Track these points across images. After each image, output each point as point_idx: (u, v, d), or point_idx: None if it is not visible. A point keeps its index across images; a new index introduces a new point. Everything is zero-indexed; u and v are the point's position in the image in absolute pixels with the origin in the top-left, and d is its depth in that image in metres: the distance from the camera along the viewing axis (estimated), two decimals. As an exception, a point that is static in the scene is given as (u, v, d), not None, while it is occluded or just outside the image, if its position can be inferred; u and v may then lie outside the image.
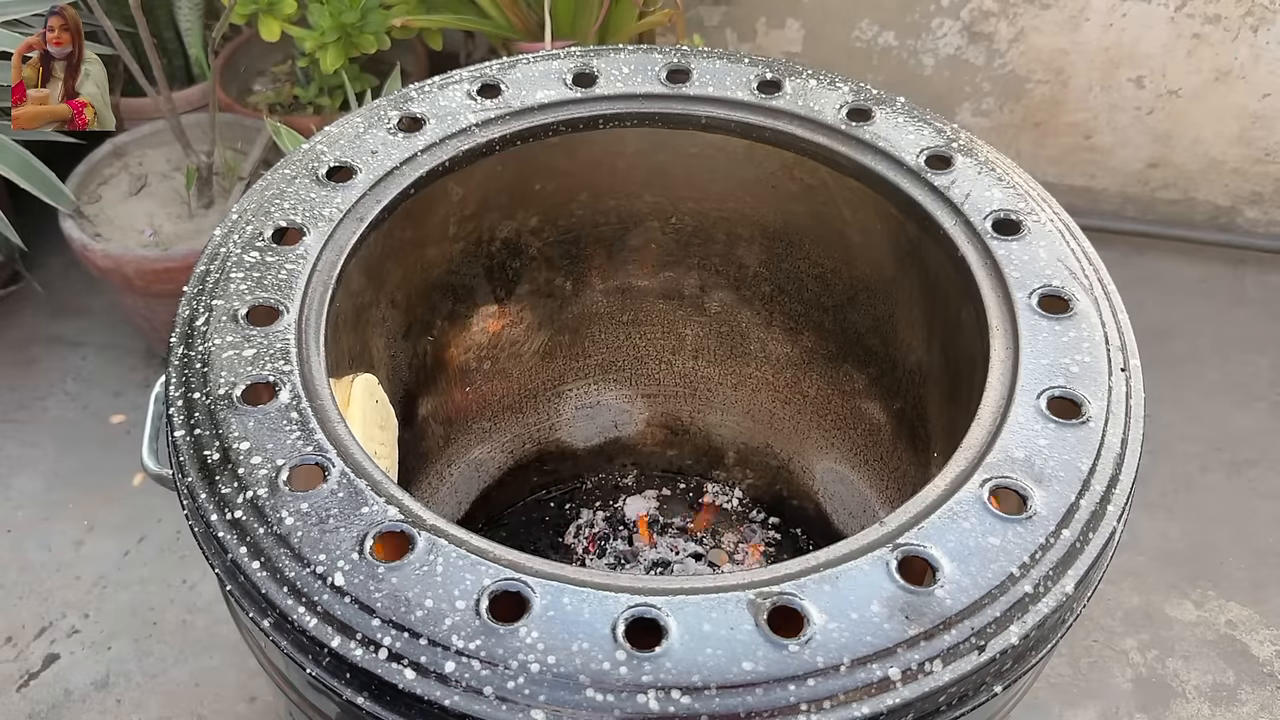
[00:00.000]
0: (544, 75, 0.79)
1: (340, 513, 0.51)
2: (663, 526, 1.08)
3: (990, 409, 0.58)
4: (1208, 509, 1.32)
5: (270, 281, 0.63)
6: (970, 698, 0.48)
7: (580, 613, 0.47)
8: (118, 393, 1.43)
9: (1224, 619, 1.21)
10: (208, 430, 0.55)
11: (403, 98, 0.77)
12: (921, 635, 0.47)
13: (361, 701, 0.47)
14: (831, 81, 0.78)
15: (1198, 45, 1.44)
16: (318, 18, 1.34)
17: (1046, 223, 0.68)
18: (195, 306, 0.62)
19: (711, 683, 0.45)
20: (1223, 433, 1.40)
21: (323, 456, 0.54)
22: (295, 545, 0.50)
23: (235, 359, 0.58)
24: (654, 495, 1.10)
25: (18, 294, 1.54)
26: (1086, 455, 0.55)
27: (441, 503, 1.00)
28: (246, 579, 0.50)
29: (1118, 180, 1.61)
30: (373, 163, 0.71)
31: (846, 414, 0.96)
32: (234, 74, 1.57)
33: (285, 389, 0.57)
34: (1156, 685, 1.16)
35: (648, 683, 0.45)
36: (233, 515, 0.51)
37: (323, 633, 0.47)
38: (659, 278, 0.98)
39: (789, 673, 0.45)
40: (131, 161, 1.44)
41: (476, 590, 0.48)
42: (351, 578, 0.48)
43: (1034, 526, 0.52)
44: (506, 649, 0.46)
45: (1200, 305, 1.56)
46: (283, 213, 0.68)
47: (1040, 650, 0.50)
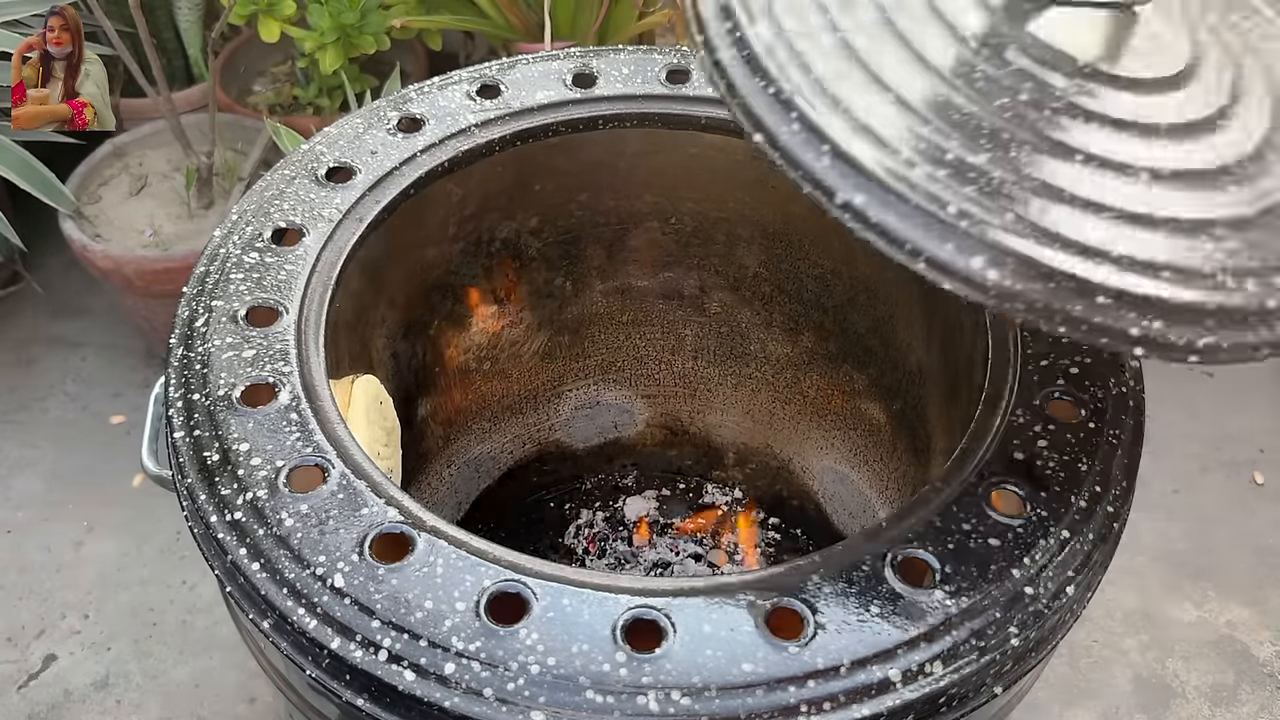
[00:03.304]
0: (544, 76, 0.79)
1: (340, 514, 0.51)
2: (663, 527, 1.08)
3: (990, 409, 0.58)
4: (1208, 509, 1.32)
5: (270, 282, 0.63)
6: (970, 699, 0.48)
7: (580, 614, 0.47)
8: (118, 393, 1.43)
9: (1224, 619, 1.21)
10: (207, 431, 0.55)
11: (402, 98, 0.77)
12: (921, 636, 0.47)
13: (361, 703, 0.47)
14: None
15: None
16: (317, 18, 1.34)
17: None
18: (195, 307, 0.62)
19: (712, 684, 0.45)
20: (1223, 433, 1.40)
21: (322, 458, 0.54)
22: (295, 546, 0.50)
23: (235, 360, 0.58)
24: (654, 496, 1.10)
25: (17, 294, 1.54)
26: (1087, 456, 0.55)
27: (441, 503, 1.00)
28: (246, 580, 0.50)
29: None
30: (372, 163, 0.71)
31: (846, 414, 0.96)
32: (234, 74, 1.57)
33: (285, 390, 0.57)
34: (1156, 685, 1.16)
35: (648, 684, 0.45)
36: (232, 516, 0.51)
37: (322, 634, 0.47)
38: (659, 278, 0.98)
39: (789, 674, 0.45)
40: (131, 162, 1.44)
41: (476, 591, 0.48)
42: (351, 579, 0.48)
43: (1034, 527, 0.52)
44: (506, 650, 0.46)
45: (1200, 305, 1.56)
46: (282, 213, 0.68)
47: (1040, 651, 0.50)
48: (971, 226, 0.44)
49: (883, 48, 0.51)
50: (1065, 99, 0.51)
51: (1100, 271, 0.45)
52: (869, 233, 0.46)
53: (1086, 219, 0.46)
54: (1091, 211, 0.46)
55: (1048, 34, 0.53)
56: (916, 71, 0.50)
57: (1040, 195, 0.46)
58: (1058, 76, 0.52)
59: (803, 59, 0.49)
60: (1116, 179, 0.48)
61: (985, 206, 0.45)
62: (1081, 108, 0.51)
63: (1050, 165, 0.48)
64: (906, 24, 0.52)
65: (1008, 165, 0.47)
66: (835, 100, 0.48)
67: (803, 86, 0.48)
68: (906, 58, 0.51)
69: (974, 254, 0.44)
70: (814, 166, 0.46)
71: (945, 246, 0.44)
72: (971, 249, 0.44)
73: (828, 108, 0.47)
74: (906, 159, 0.46)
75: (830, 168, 0.46)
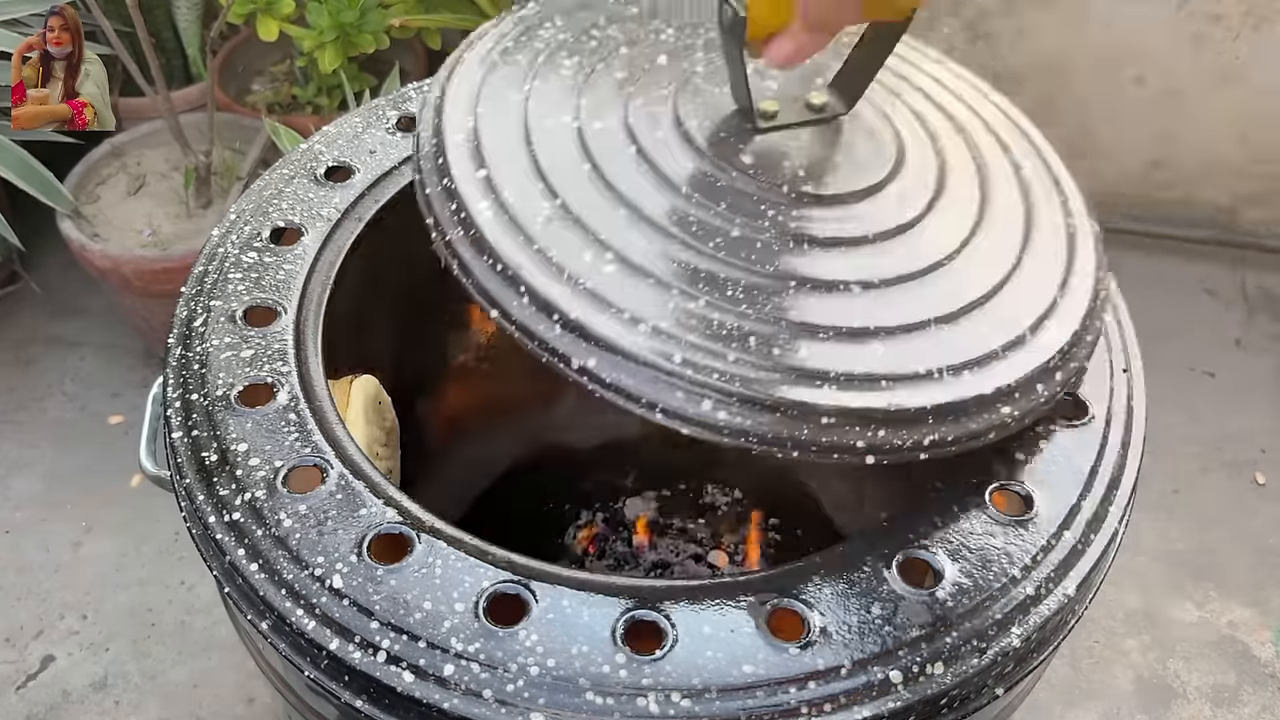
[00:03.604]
0: (543, 75, 0.78)
1: (338, 514, 0.51)
2: (663, 528, 1.08)
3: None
4: (1208, 509, 1.32)
5: (268, 282, 0.63)
6: (972, 700, 0.48)
7: (580, 615, 0.47)
8: (116, 393, 1.43)
9: (1225, 620, 1.21)
10: (205, 431, 0.55)
11: (401, 97, 0.77)
12: (922, 637, 0.47)
13: (360, 704, 0.46)
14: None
15: (1199, 44, 1.44)
16: (316, 17, 1.34)
17: (1047, 222, 0.68)
18: (193, 307, 0.62)
19: (712, 685, 0.45)
20: (1223, 433, 1.39)
21: (321, 458, 0.53)
22: (293, 547, 0.49)
23: (233, 360, 0.58)
24: (654, 496, 1.10)
25: (16, 294, 1.54)
26: (1088, 456, 0.55)
27: (440, 504, 1.00)
28: (244, 581, 0.49)
29: (1118, 180, 1.61)
30: (371, 162, 0.71)
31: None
32: (232, 74, 1.57)
33: (283, 390, 0.57)
34: (1158, 686, 1.16)
35: (648, 686, 0.45)
36: (231, 517, 0.51)
37: (321, 635, 0.47)
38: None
39: (790, 675, 0.45)
40: (130, 161, 1.43)
41: (475, 592, 0.48)
42: (350, 580, 0.48)
43: (1035, 528, 0.51)
44: (506, 652, 0.46)
45: (1201, 305, 1.56)
46: (281, 213, 0.67)
47: (1042, 652, 0.50)
48: (696, 374, 0.46)
49: (600, 207, 0.52)
50: (777, 229, 0.53)
51: (822, 394, 0.47)
52: (607, 392, 0.47)
53: (805, 344, 0.48)
54: (808, 336, 0.48)
55: (757, 164, 0.55)
56: (634, 227, 0.52)
57: (759, 329, 0.48)
58: (768, 208, 0.54)
59: (525, 230, 0.51)
60: (831, 298, 0.51)
61: (708, 351, 0.47)
62: (793, 234, 0.53)
63: (767, 299, 0.50)
64: (622, 181, 0.54)
65: (726, 306, 0.49)
66: (560, 269, 0.49)
67: (524, 262, 0.49)
68: (624, 216, 0.52)
69: (702, 399, 0.46)
70: (547, 337, 0.48)
71: (675, 395, 0.47)
72: (699, 395, 0.46)
73: (551, 277, 0.49)
74: (630, 317, 0.47)
75: (560, 337, 0.48)
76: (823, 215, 0.54)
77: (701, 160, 0.55)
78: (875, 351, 0.49)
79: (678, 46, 0.62)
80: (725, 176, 0.55)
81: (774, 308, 0.49)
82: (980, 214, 0.57)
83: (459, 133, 0.55)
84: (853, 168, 0.57)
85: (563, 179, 0.53)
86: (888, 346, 0.49)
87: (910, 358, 0.49)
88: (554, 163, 0.54)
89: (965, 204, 0.58)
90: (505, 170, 0.53)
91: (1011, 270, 0.55)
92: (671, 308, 0.48)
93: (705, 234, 0.52)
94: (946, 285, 0.53)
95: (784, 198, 0.54)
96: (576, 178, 0.54)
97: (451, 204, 0.52)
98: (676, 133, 0.56)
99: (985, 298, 0.53)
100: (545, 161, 0.54)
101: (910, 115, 0.63)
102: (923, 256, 0.54)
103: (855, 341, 0.49)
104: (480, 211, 0.51)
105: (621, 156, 0.55)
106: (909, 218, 0.56)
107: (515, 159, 0.54)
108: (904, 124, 0.62)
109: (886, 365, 0.48)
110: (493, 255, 0.50)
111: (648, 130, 0.56)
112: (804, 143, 0.58)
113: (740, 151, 0.56)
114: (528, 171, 0.54)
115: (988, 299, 0.53)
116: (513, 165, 0.54)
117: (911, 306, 0.51)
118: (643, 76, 0.60)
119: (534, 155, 0.54)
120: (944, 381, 0.49)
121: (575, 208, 0.52)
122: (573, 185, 0.53)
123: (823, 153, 0.58)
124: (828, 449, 0.47)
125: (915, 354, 0.49)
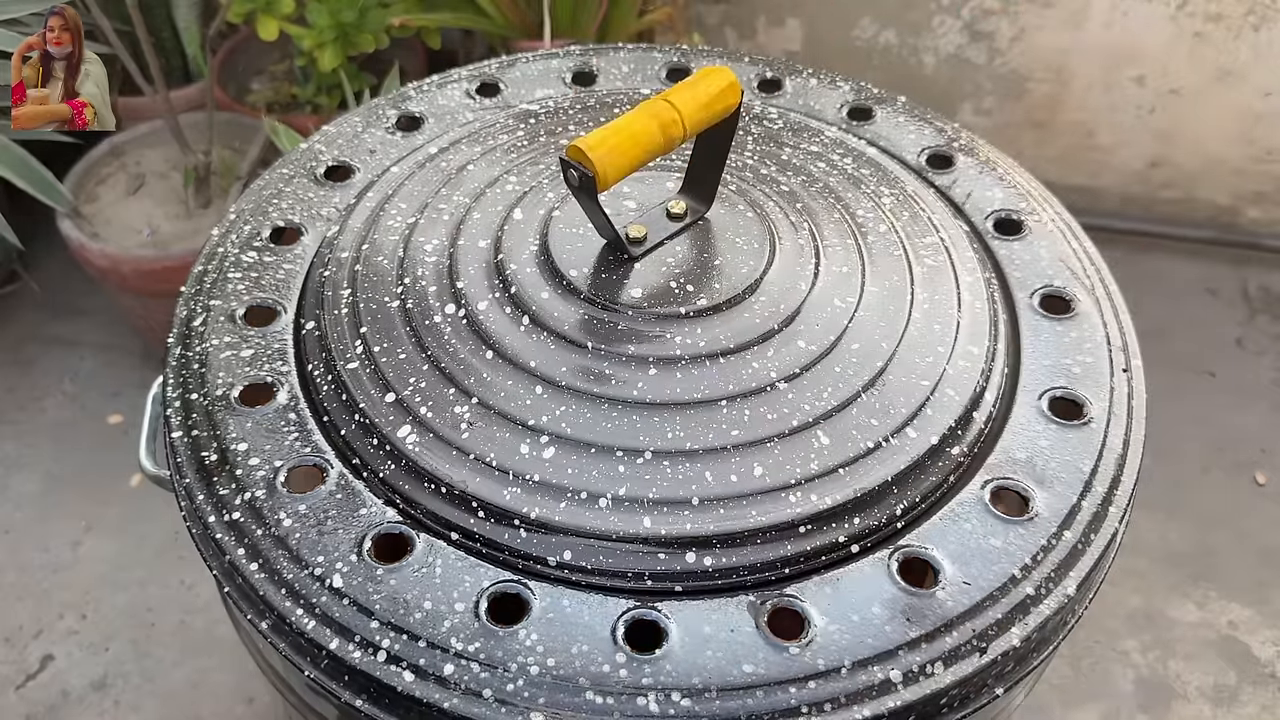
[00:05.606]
0: (543, 74, 0.78)
1: (338, 514, 0.51)
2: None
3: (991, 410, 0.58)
4: (1208, 509, 1.32)
5: (268, 281, 0.63)
6: (972, 700, 0.48)
7: (580, 615, 0.47)
8: (115, 393, 1.43)
9: (1225, 620, 1.21)
10: (205, 431, 0.55)
11: (401, 97, 0.77)
12: (923, 637, 0.47)
13: (360, 704, 0.46)
14: (832, 80, 0.78)
15: (1199, 44, 1.44)
16: (316, 16, 1.34)
17: (1048, 222, 0.68)
18: (193, 307, 0.62)
19: (712, 685, 0.45)
20: (1223, 433, 1.39)
21: (321, 458, 0.53)
22: (293, 547, 0.49)
23: (233, 359, 0.58)
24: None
25: (15, 294, 1.54)
26: (1088, 456, 0.55)
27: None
28: (244, 580, 0.49)
29: (1119, 179, 1.61)
30: (371, 162, 0.71)
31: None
32: (232, 73, 1.57)
33: (283, 390, 0.57)
34: (1158, 686, 1.16)
35: (648, 685, 0.45)
36: (230, 517, 0.51)
37: (321, 635, 0.47)
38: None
39: (790, 675, 0.45)
40: (129, 161, 1.43)
41: (475, 592, 0.48)
42: (350, 579, 0.48)
43: (1036, 528, 0.51)
44: (506, 651, 0.46)
45: (1201, 305, 1.56)
46: (280, 212, 0.67)
47: (1042, 652, 0.50)
48: (668, 531, 0.49)
49: (517, 394, 0.53)
50: (688, 351, 0.54)
51: (792, 502, 0.50)
52: (592, 578, 0.49)
53: (757, 462, 0.51)
54: (757, 450, 0.51)
55: (647, 295, 0.56)
56: (556, 400, 0.53)
57: (712, 463, 0.51)
58: (673, 334, 0.55)
59: (453, 443, 0.52)
60: (761, 400, 0.53)
61: (672, 504, 0.50)
62: (705, 352, 0.54)
63: (706, 427, 0.52)
64: (526, 355, 0.55)
65: (672, 450, 0.51)
66: (504, 472, 0.51)
67: (467, 477, 0.50)
68: (540, 393, 0.53)
69: (684, 553, 0.49)
70: (515, 544, 0.49)
71: (658, 559, 0.49)
72: (679, 551, 0.49)
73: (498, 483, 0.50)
74: (587, 495, 0.49)
75: (529, 539, 0.49)
76: (724, 321, 0.56)
77: (593, 308, 0.56)
78: (821, 443, 0.51)
79: (522, 191, 0.63)
80: (621, 317, 0.55)
81: (716, 434, 0.51)
82: (861, 260, 0.60)
83: (353, 362, 0.55)
84: (736, 258, 0.59)
85: (469, 374, 0.54)
86: (829, 435, 0.52)
87: (854, 436, 0.52)
88: (455, 361, 0.54)
89: (847, 254, 0.60)
90: (413, 386, 0.54)
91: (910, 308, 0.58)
92: (623, 471, 0.50)
93: (625, 382, 0.53)
94: (857, 349, 0.55)
95: (684, 319, 0.55)
96: (481, 367, 0.54)
97: (372, 439, 0.53)
98: (561, 288, 0.57)
99: (898, 346, 0.56)
100: (446, 364, 0.54)
101: (762, 184, 0.64)
102: (828, 329, 0.56)
103: (800, 437, 0.51)
104: (404, 439, 0.52)
105: (517, 330, 0.55)
106: (803, 291, 0.57)
107: (416, 368, 0.54)
108: (760, 195, 0.63)
109: (837, 454, 0.51)
110: (434, 480, 0.51)
111: (534, 293, 0.57)
112: (682, 252, 0.59)
113: (625, 286, 0.57)
114: (433, 379, 0.54)
115: (900, 345, 0.56)
116: (417, 376, 0.54)
117: (835, 387, 0.53)
118: (504, 234, 0.60)
119: (434, 360, 0.55)
120: (898, 446, 0.52)
121: (493, 401, 0.53)
122: (481, 378, 0.54)
123: (703, 256, 0.59)
124: (814, 554, 0.49)
125: (857, 431, 0.52)
